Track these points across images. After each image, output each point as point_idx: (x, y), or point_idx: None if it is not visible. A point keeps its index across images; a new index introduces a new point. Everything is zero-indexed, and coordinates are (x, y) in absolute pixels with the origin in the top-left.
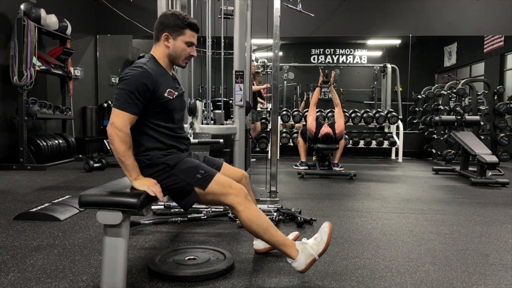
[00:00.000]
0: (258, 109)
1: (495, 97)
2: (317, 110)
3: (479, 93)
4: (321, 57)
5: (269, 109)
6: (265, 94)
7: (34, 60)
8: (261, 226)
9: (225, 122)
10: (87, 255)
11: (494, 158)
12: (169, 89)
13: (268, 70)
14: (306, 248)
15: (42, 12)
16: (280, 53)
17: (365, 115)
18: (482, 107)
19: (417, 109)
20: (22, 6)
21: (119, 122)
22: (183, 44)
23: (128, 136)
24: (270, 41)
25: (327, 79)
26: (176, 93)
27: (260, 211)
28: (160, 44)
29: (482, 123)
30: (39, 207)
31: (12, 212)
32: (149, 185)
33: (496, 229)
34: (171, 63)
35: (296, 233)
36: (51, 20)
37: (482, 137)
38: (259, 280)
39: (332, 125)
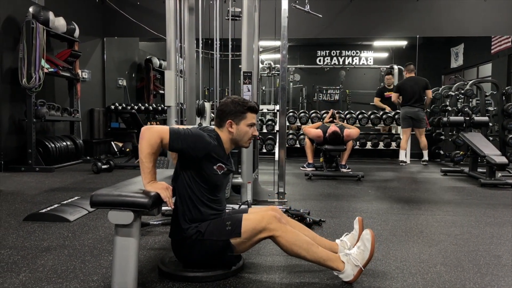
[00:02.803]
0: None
1: (504, 98)
2: (323, 112)
3: (487, 94)
4: (327, 59)
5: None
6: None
7: (43, 62)
8: (302, 247)
9: None
10: (97, 255)
11: (503, 159)
12: (219, 164)
13: (274, 72)
14: (350, 259)
15: (51, 15)
16: None
17: (372, 116)
18: (490, 108)
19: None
20: (30, 9)
21: (158, 131)
22: (246, 127)
23: (157, 146)
24: (276, 43)
25: (332, 120)
26: (226, 168)
27: (297, 232)
28: (224, 130)
29: (490, 124)
30: (48, 208)
31: (22, 213)
32: (162, 188)
33: (507, 230)
34: (233, 145)
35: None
36: (59, 23)
37: (491, 138)
38: (269, 279)
39: (341, 128)
